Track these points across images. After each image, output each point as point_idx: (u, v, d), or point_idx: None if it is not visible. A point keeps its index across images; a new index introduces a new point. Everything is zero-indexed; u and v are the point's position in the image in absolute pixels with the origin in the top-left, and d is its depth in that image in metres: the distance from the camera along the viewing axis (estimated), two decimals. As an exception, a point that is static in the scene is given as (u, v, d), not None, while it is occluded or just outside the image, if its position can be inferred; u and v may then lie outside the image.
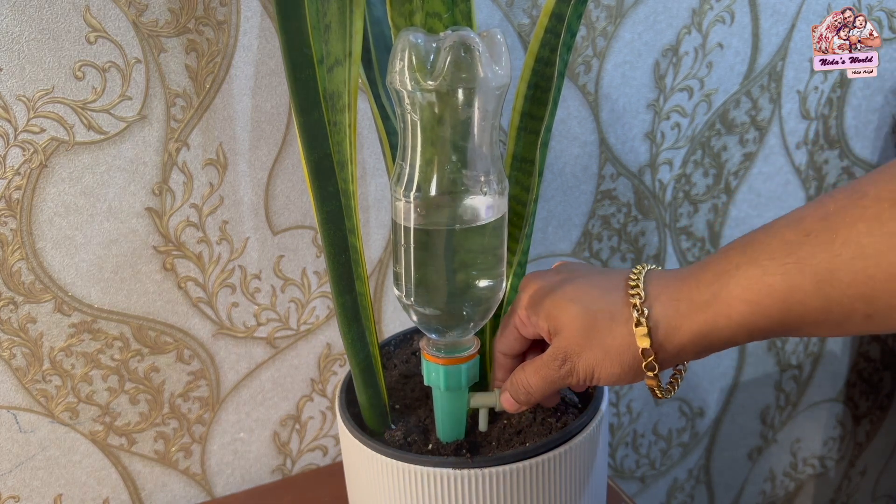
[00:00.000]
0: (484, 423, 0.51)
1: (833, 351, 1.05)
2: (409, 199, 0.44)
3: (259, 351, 0.71)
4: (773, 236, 0.37)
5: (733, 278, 0.37)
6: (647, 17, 0.74)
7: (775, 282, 0.36)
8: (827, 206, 0.35)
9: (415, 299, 0.46)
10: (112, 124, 0.59)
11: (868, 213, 0.33)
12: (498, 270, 0.47)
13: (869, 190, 0.34)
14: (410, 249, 0.45)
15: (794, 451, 1.10)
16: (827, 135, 0.89)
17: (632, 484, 0.99)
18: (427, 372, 0.49)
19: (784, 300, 0.36)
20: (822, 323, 0.36)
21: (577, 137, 0.77)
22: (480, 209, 0.44)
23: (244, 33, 0.61)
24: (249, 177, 0.65)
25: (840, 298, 0.34)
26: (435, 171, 0.44)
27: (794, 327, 0.37)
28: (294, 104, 0.42)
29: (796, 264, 0.35)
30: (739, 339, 0.38)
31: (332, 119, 0.49)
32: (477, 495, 0.46)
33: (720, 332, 0.38)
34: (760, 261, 0.37)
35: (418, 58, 0.41)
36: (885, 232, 0.33)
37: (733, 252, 0.39)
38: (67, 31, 0.56)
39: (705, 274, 0.39)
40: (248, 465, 0.75)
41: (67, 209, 0.60)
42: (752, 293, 0.37)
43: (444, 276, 0.45)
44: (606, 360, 0.42)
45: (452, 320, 0.46)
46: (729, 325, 0.38)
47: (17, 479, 0.66)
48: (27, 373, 0.63)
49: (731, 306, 0.37)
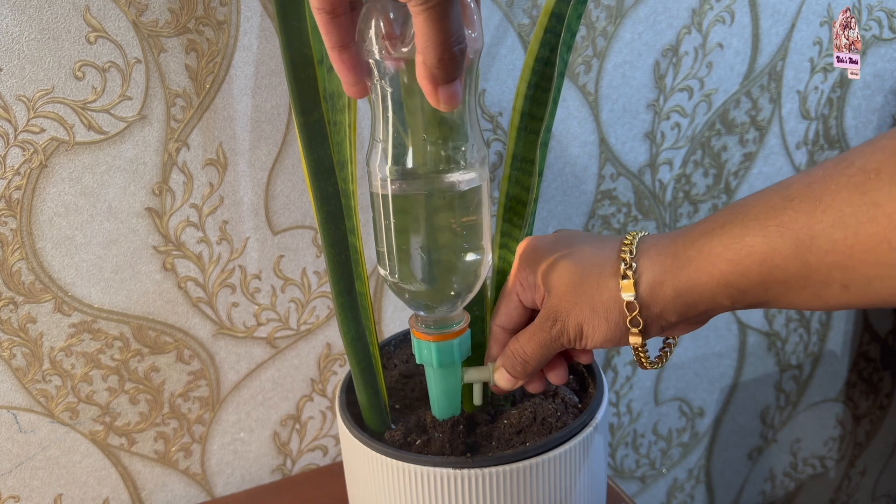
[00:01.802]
0: (478, 396, 0.51)
1: (833, 351, 1.05)
2: (384, 173, 0.43)
3: (259, 351, 0.71)
4: (760, 199, 0.37)
5: (717, 237, 0.38)
6: (647, 17, 0.74)
7: (756, 242, 0.36)
8: (814, 173, 0.36)
9: (399, 276, 0.45)
10: (112, 124, 0.59)
11: (852, 181, 0.33)
12: (481, 242, 0.46)
13: (855, 160, 0.34)
14: (391, 226, 0.44)
15: (794, 451, 1.10)
16: (827, 135, 0.90)
17: (632, 484, 0.99)
18: (419, 350, 0.48)
19: (763, 262, 0.36)
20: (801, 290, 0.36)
21: (577, 137, 0.77)
22: (459, 179, 0.43)
23: (244, 33, 0.61)
24: (249, 177, 0.65)
25: (818, 265, 0.34)
26: (410, 143, 0.42)
27: (775, 293, 0.37)
28: (294, 104, 0.42)
29: (777, 227, 0.36)
30: (720, 298, 0.39)
31: (332, 119, 0.49)
32: (477, 495, 0.46)
33: (702, 288, 0.39)
34: (745, 221, 0.37)
35: (387, 25, 0.39)
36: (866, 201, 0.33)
37: (722, 213, 0.39)
38: (67, 31, 0.56)
39: (693, 231, 0.40)
40: (248, 465, 0.75)
41: (67, 209, 0.60)
42: (732, 252, 0.37)
43: (427, 250, 0.44)
44: (594, 317, 0.42)
45: (439, 295, 0.46)
46: (710, 281, 0.38)
47: (17, 479, 0.66)
48: (27, 373, 0.63)
49: (712, 263, 0.38)
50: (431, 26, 0.34)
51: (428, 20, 0.34)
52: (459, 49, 0.36)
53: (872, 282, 0.33)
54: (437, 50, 0.35)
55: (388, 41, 0.39)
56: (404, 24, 0.39)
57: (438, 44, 0.35)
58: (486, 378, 0.50)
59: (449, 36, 0.35)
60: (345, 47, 0.40)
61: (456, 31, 0.35)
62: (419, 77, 0.37)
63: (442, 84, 0.37)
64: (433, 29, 0.35)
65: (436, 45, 0.35)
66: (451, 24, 0.35)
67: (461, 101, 0.39)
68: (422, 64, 0.36)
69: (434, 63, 0.36)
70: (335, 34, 0.39)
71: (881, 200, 0.32)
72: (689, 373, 0.95)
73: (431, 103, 0.38)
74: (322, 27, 0.39)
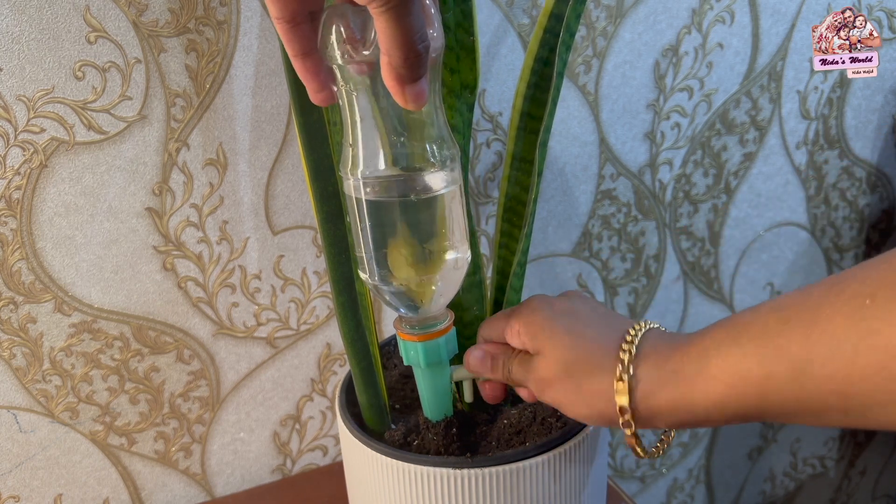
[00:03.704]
0: (469, 393, 0.51)
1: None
2: (357, 178, 0.43)
3: (259, 351, 0.71)
4: (756, 318, 0.36)
5: (714, 358, 0.37)
6: (647, 17, 0.74)
7: (753, 366, 0.35)
8: (809, 294, 0.35)
9: (379, 278, 0.45)
10: (112, 124, 0.59)
11: (847, 306, 0.32)
12: (456, 240, 0.46)
13: (851, 283, 0.33)
14: (366, 228, 0.44)
15: (794, 450, 1.10)
16: (827, 135, 0.90)
17: (632, 484, 0.99)
18: (405, 351, 0.48)
19: (760, 385, 0.35)
20: (799, 414, 0.35)
21: (577, 137, 0.77)
22: (430, 179, 0.43)
23: (244, 33, 0.61)
24: (249, 177, 0.65)
25: (816, 391, 0.33)
26: (379, 145, 0.43)
27: (772, 415, 0.36)
28: (294, 104, 0.42)
29: (774, 350, 0.35)
30: (714, 417, 0.38)
31: (332, 119, 0.49)
32: (477, 495, 0.46)
33: (696, 406, 0.38)
34: (741, 342, 0.36)
35: (347, 30, 0.39)
36: (862, 329, 0.31)
37: (720, 329, 0.38)
38: (67, 31, 0.56)
39: (693, 347, 0.39)
40: (248, 465, 0.75)
41: (67, 209, 0.60)
42: (729, 375, 0.36)
43: (404, 251, 0.44)
44: (578, 400, 0.42)
45: (420, 295, 0.46)
46: (705, 402, 0.37)
47: (17, 479, 0.66)
48: (27, 373, 0.63)
49: (708, 385, 0.37)
50: (393, 26, 0.35)
51: (389, 20, 0.34)
52: (423, 47, 0.36)
53: (872, 409, 0.32)
54: (401, 49, 0.36)
55: (349, 45, 0.39)
56: (365, 28, 0.39)
57: (402, 43, 0.36)
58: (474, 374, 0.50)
59: (412, 35, 0.36)
60: (307, 55, 0.40)
61: (418, 29, 0.36)
62: (385, 78, 0.38)
63: (408, 83, 0.38)
64: (395, 29, 0.35)
65: (400, 45, 0.36)
66: (412, 22, 0.35)
67: (427, 100, 0.39)
68: (387, 64, 0.37)
69: (399, 63, 0.36)
70: (296, 42, 0.40)
71: (878, 328, 0.31)
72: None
73: (399, 103, 0.39)
74: (283, 36, 0.40)
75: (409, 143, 0.43)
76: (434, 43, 0.40)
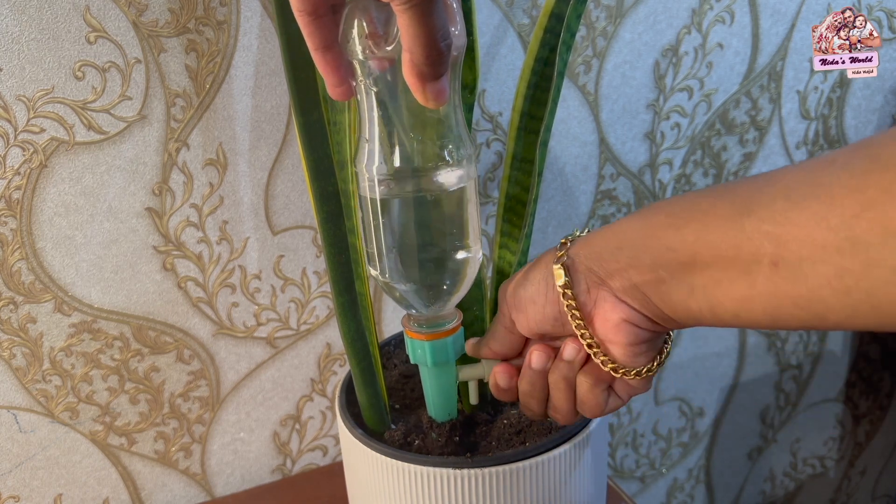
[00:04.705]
0: (474, 395, 0.51)
1: (833, 351, 1.05)
2: (372, 174, 0.43)
3: (259, 351, 0.71)
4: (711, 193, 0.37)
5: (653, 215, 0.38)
6: (647, 17, 0.74)
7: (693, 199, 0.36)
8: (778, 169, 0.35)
9: (390, 276, 0.45)
10: (112, 124, 0.59)
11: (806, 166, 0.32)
12: (470, 240, 0.46)
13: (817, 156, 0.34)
14: (380, 225, 0.44)
15: (793, 451, 1.10)
16: (827, 135, 0.90)
17: (632, 484, 0.99)
18: (412, 349, 0.48)
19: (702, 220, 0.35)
20: (731, 262, 0.34)
21: (577, 137, 0.77)
22: (447, 177, 0.43)
23: (244, 33, 0.61)
24: (249, 177, 0.65)
25: (753, 232, 0.33)
26: (396, 142, 0.42)
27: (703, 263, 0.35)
28: (294, 104, 0.42)
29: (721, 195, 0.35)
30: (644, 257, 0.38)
31: (332, 119, 0.49)
32: (477, 495, 0.46)
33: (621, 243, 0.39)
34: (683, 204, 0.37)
35: (370, 25, 0.39)
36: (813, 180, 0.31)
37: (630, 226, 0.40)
38: (67, 31, 0.56)
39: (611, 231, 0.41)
40: (248, 465, 0.75)
41: (67, 209, 0.60)
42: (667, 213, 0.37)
43: (416, 249, 0.44)
44: (527, 285, 0.44)
45: (430, 294, 0.46)
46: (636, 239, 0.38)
47: (17, 479, 0.66)
48: (27, 373, 0.63)
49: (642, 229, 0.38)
50: (416, 23, 0.35)
51: (413, 17, 0.34)
52: (445, 45, 0.36)
53: (803, 264, 0.31)
54: (423, 47, 0.36)
55: (371, 41, 0.39)
56: (387, 24, 0.39)
57: (425, 41, 0.35)
58: (481, 375, 0.50)
59: (435, 32, 0.35)
60: (328, 48, 0.40)
61: (441, 27, 0.36)
62: (406, 74, 0.38)
63: (429, 81, 0.38)
64: (419, 26, 0.35)
65: (422, 43, 0.36)
66: (435, 20, 0.35)
67: (448, 98, 0.39)
68: (409, 61, 0.37)
69: (421, 60, 0.36)
70: (318, 35, 0.39)
71: (829, 182, 0.31)
72: (688, 373, 0.95)
73: (419, 100, 0.39)
74: (304, 29, 0.39)
75: (427, 140, 0.43)
76: (456, 41, 0.40)
